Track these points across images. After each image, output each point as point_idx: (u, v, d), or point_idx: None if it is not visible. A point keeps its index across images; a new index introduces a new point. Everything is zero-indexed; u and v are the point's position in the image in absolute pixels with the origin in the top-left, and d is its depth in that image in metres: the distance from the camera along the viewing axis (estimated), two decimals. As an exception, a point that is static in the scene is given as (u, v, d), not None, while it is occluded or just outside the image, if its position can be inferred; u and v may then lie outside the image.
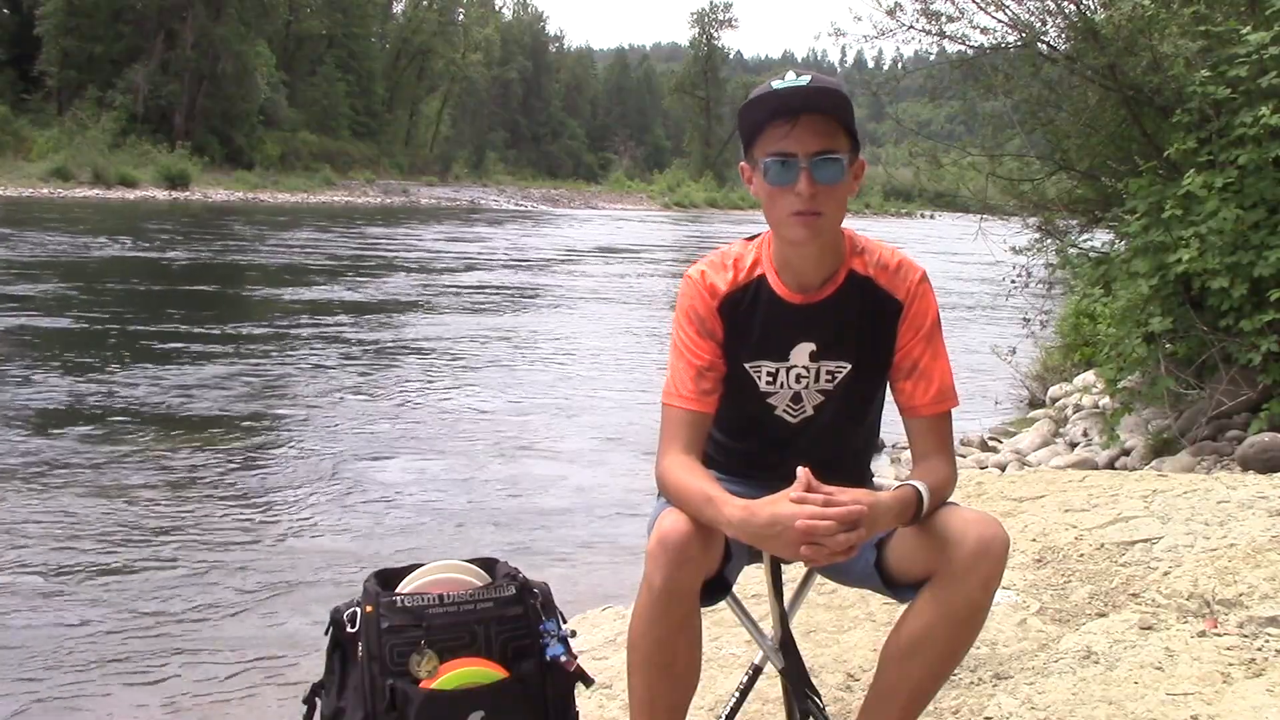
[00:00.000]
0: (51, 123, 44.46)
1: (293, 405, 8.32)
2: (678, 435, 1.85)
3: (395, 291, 16.38)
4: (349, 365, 10.14)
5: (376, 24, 68.75)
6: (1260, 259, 5.28)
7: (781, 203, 1.76)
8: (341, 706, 1.81)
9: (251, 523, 5.50)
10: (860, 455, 2.04)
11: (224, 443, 6.99)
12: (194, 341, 10.74)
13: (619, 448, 7.47)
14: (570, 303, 16.36)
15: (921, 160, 9.78)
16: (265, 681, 3.75)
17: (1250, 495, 3.77)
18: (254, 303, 14.40)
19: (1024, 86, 8.32)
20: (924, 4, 8.54)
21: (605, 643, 3.26)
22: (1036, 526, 3.77)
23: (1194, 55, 6.03)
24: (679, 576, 1.69)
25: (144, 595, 4.46)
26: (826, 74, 1.81)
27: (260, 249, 22.39)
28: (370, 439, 7.40)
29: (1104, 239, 8.58)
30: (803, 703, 1.92)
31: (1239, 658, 2.50)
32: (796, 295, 1.85)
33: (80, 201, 35.41)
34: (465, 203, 53.53)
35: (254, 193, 44.99)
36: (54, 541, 5.01)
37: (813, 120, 1.72)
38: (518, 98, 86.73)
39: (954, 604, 1.72)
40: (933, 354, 1.86)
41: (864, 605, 3.18)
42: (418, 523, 5.66)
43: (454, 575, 1.88)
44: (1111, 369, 6.29)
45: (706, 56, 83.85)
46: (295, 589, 4.62)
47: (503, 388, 9.56)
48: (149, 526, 5.30)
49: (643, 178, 79.97)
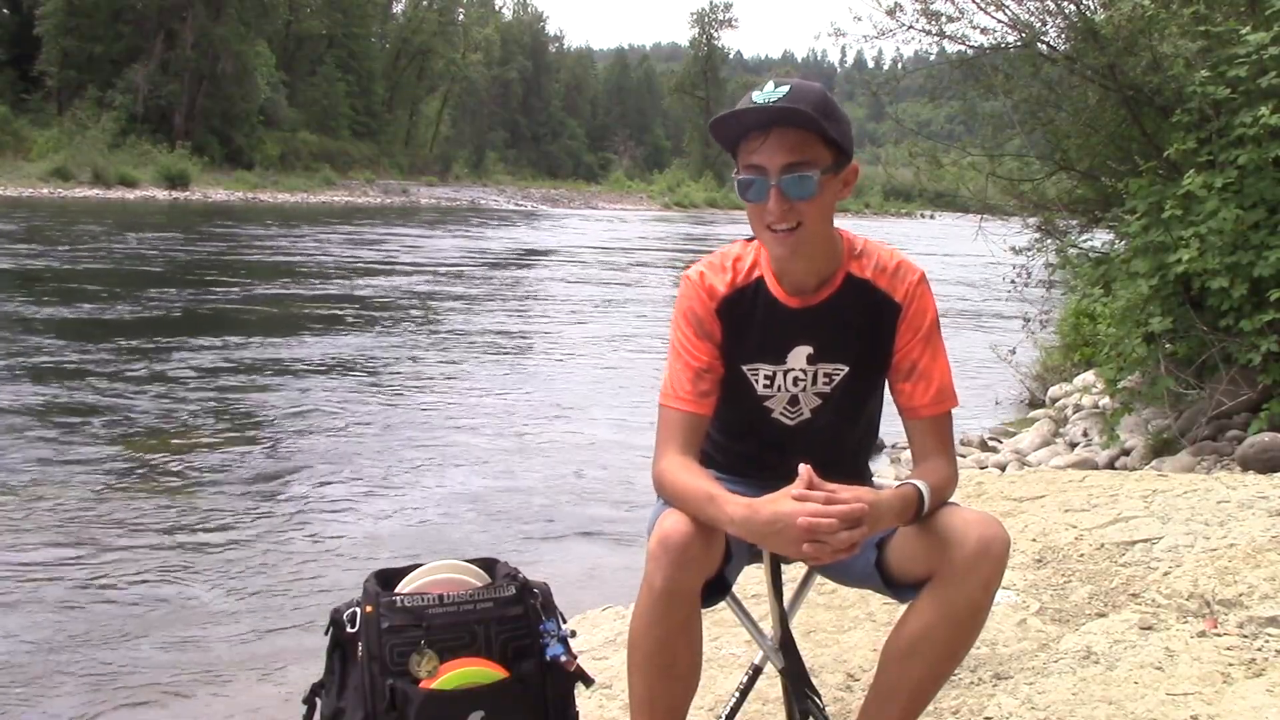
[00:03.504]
0: (51, 123, 44.48)
1: (291, 405, 8.31)
2: (675, 436, 1.85)
3: (393, 291, 16.38)
4: (348, 365, 10.14)
5: (376, 24, 68.79)
6: (1260, 259, 5.28)
7: (758, 218, 1.77)
8: (341, 706, 1.81)
9: (251, 523, 5.49)
10: (858, 454, 2.04)
11: (222, 443, 6.99)
12: (193, 342, 10.74)
13: (619, 447, 7.47)
14: (569, 302, 16.36)
15: (921, 160, 9.78)
16: (265, 681, 3.75)
17: (1250, 495, 3.77)
18: (253, 303, 14.39)
19: (1024, 86, 8.33)
20: (924, 4, 8.55)
21: (605, 643, 3.26)
22: (1036, 526, 3.77)
23: (1194, 55, 6.03)
24: (680, 577, 1.69)
25: (142, 595, 4.46)
26: (826, 74, 1.82)
27: (260, 249, 22.39)
28: (369, 439, 7.39)
29: (1104, 239, 8.58)
30: (803, 703, 1.92)
31: (1239, 658, 2.50)
32: (794, 298, 1.86)
33: (80, 201, 35.43)
34: (465, 203, 53.56)
35: (254, 193, 45.00)
36: (52, 539, 5.01)
37: (784, 134, 1.72)
38: (518, 98, 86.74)
39: (954, 604, 1.72)
40: (932, 354, 1.86)
41: (864, 605, 3.18)
42: (418, 523, 5.66)
43: (454, 575, 1.89)
44: (1111, 369, 6.29)
45: (706, 56, 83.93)
46: (295, 589, 4.62)
47: (501, 387, 9.57)
48: (147, 526, 5.30)
49: (643, 178, 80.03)
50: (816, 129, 1.71)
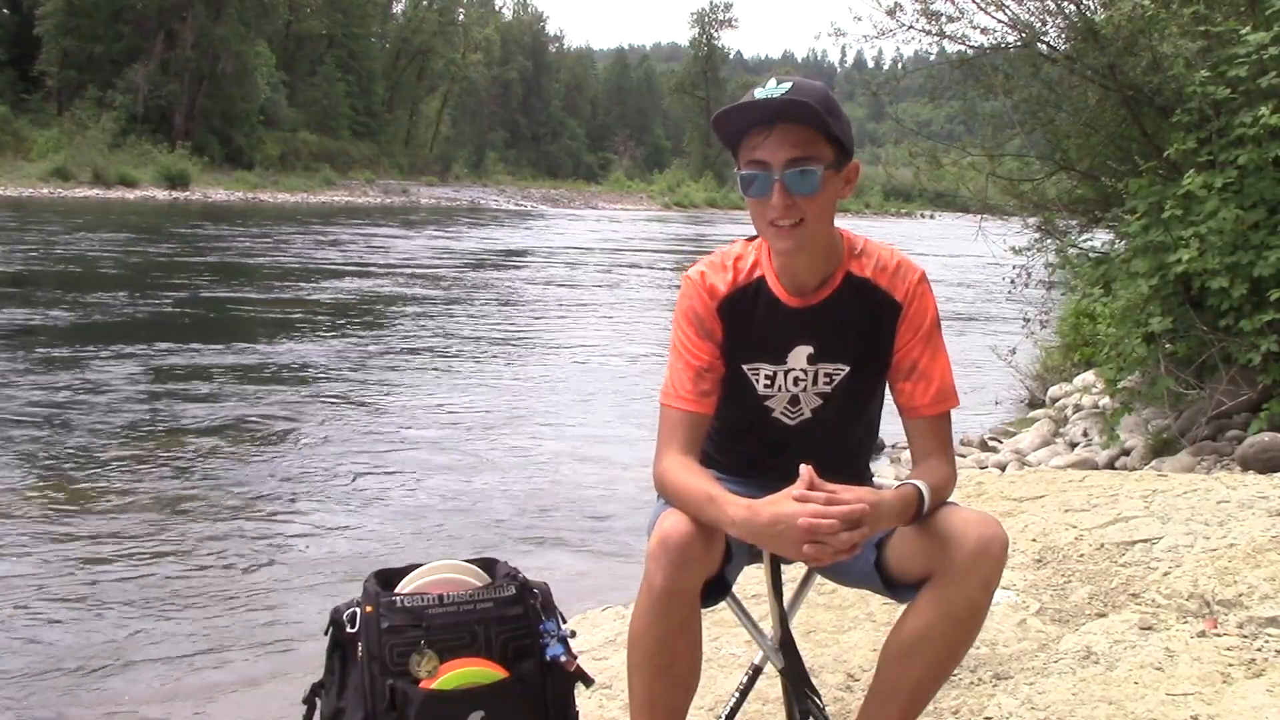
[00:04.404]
0: (51, 123, 44.50)
1: (290, 405, 8.31)
2: (676, 436, 1.85)
3: (394, 291, 16.38)
4: (348, 365, 10.14)
5: (376, 24, 68.82)
6: (1260, 259, 5.28)
7: (761, 214, 1.77)
8: (341, 706, 1.81)
9: (250, 523, 5.49)
10: (859, 453, 2.04)
11: (221, 443, 6.99)
12: (192, 342, 10.74)
13: (618, 447, 7.46)
14: (569, 303, 16.36)
15: (921, 160, 9.78)
16: (265, 681, 3.74)
17: (1250, 495, 3.77)
18: (252, 303, 14.39)
19: (1024, 86, 8.33)
20: (924, 4, 8.55)
21: (605, 643, 3.26)
22: (1036, 526, 3.77)
23: (1194, 55, 6.03)
24: (680, 577, 1.69)
25: (141, 595, 4.46)
26: (826, 74, 1.82)
27: (259, 249, 22.38)
28: (369, 439, 7.39)
29: (1104, 239, 8.58)
30: (803, 703, 1.92)
31: (1239, 658, 2.50)
32: (794, 298, 1.85)
33: (80, 201, 35.43)
34: (465, 203, 53.56)
35: (254, 193, 45.01)
36: (50, 540, 5.01)
37: (788, 129, 1.71)
38: (518, 98, 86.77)
39: (954, 604, 1.72)
40: (932, 354, 1.86)
41: (864, 605, 3.18)
42: (417, 523, 5.65)
43: (454, 575, 1.89)
44: (1111, 369, 6.29)
45: (706, 56, 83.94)
46: (294, 589, 4.61)
47: (501, 387, 9.56)
48: (146, 526, 5.29)
49: (643, 178, 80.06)
50: (820, 124, 1.71)
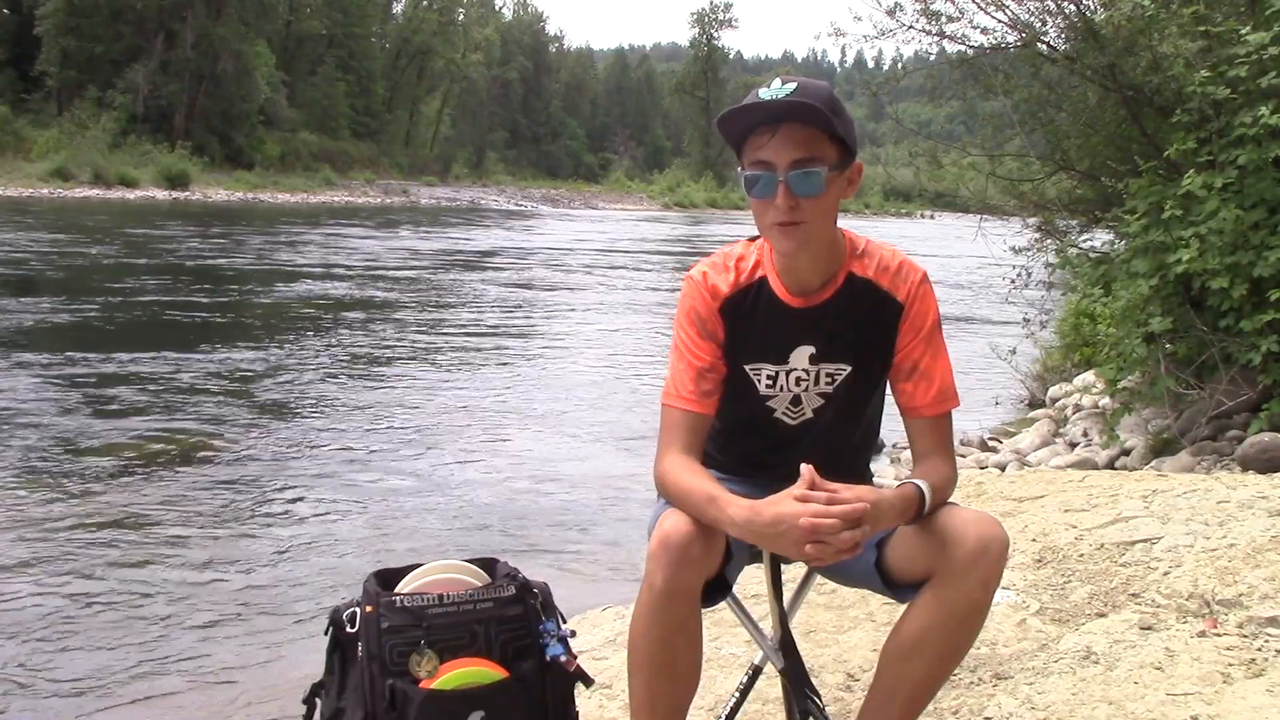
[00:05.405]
0: (51, 123, 44.51)
1: (290, 405, 8.31)
2: (677, 436, 1.85)
3: (394, 292, 16.37)
4: (348, 366, 10.14)
5: (376, 24, 68.80)
6: (1260, 259, 5.28)
7: (764, 214, 1.77)
8: (341, 707, 1.81)
9: (250, 524, 5.49)
10: (860, 454, 2.04)
11: (220, 443, 6.98)
12: (191, 342, 10.74)
13: (619, 447, 7.47)
14: (569, 303, 16.36)
15: (921, 160, 9.81)
16: (265, 681, 3.74)
17: (1250, 495, 3.77)
18: (251, 303, 14.40)
19: (1024, 86, 8.34)
20: (924, 4, 8.57)
21: (605, 643, 3.26)
22: (1036, 526, 3.77)
23: (1194, 55, 6.03)
24: (680, 577, 1.69)
25: (141, 595, 4.46)
26: (826, 74, 1.82)
27: (259, 249, 22.38)
28: (369, 439, 7.39)
29: (1104, 239, 8.58)
30: (803, 703, 1.92)
31: (1239, 658, 2.50)
32: (796, 298, 1.86)
33: (80, 201, 35.43)
34: (465, 203, 53.54)
35: (254, 193, 45.01)
36: (50, 538, 5.01)
37: (793, 130, 1.71)
38: (518, 98, 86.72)
39: (954, 604, 1.72)
40: (933, 354, 1.86)
41: (864, 605, 3.18)
42: (417, 523, 5.65)
43: (453, 575, 1.89)
44: (1111, 369, 6.29)
45: (706, 57, 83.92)
46: (294, 589, 4.61)
47: (502, 387, 9.56)
48: (145, 527, 5.29)
49: (643, 178, 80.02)
50: (825, 125, 1.71)
